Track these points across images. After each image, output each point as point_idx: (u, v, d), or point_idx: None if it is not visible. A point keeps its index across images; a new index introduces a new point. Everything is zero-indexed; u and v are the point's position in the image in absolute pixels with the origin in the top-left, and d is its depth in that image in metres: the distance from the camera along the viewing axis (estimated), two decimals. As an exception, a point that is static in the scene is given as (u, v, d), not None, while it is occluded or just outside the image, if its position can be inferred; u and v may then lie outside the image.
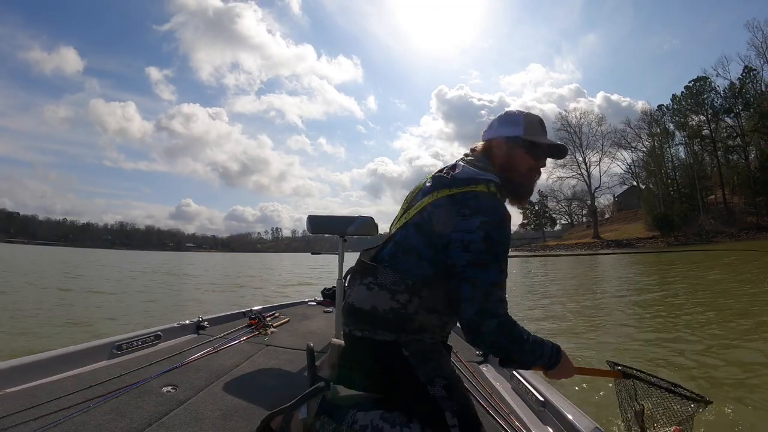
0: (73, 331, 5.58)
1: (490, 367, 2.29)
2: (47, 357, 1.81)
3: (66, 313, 6.99)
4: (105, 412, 1.48)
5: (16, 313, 6.63)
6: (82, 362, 1.91)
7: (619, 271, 16.65)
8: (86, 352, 1.97)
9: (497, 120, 1.34)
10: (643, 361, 3.95)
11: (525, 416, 1.68)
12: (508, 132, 1.29)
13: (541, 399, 1.69)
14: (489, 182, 1.17)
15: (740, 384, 3.35)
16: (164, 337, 2.39)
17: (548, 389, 1.74)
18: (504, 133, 1.30)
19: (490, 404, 1.75)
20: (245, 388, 1.82)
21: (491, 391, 1.90)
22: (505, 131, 1.30)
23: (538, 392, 1.74)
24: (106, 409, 1.51)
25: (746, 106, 43.09)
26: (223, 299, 9.82)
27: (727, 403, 2.83)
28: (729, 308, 6.73)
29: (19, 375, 1.66)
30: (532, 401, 1.75)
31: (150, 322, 5.50)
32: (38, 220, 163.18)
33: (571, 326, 6.07)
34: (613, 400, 1.48)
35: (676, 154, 50.59)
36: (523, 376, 1.93)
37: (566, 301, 8.50)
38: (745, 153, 43.91)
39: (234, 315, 3.09)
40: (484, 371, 2.22)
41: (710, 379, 3.53)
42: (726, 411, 2.72)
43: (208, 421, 1.50)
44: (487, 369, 2.26)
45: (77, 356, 1.92)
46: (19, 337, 5.12)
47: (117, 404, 1.55)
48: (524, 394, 1.84)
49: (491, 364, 2.32)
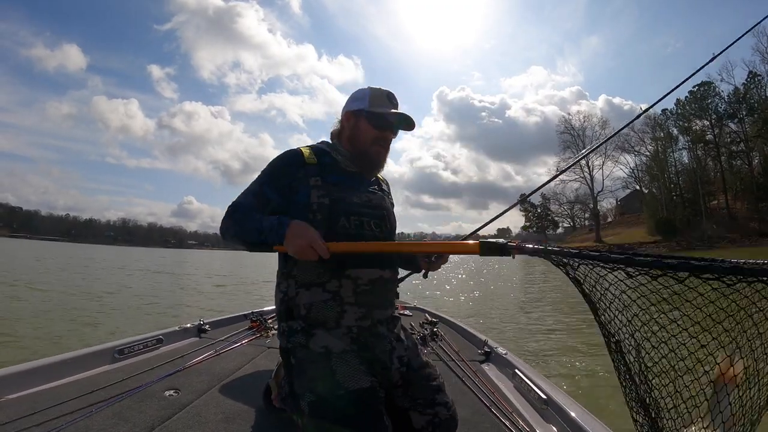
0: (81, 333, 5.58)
1: (492, 366, 2.29)
2: (48, 363, 1.80)
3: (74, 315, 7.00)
4: (107, 417, 1.48)
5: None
6: (84, 367, 1.91)
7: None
8: (87, 357, 1.96)
9: (349, 97, 1.40)
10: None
11: (528, 414, 1.68)
12: (354, 106, 1.36)
13: (544, 397, 1.69)
14: (306, 147, 1.36)
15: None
16: (166, 340, 2.39)
17: (551, 387, 1.75)
18: (351, 107, 1.37)
19: (492, 403, 1.75)
20: (247, 390, 1.81)
21: (493, 390, 1.90)
22: (353, 105, 1.36)
23: (540, 390, 1.74)
24: (109, 414, 1.50)
25: (750, 112, 42.96)
26: (225, 301, 9.83)
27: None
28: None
29: (19, 381, 1.65)
30: (535, 399, 1.75)
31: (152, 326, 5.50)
32: (41, 216, 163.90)
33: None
34: (617, 397, 1.42)
35: (680, 158, 50.57)
36: (525, 374, 1.93)
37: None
38: (748, 158, 43.80)
39: (235, 318, 3.08)
40: (486, 370, 2.22)
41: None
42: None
43: (210, 425, 1.50)
44: (488, 368, 2.26)
45: (78, 361, 1.91)
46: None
47: (119, 409, 1.54)
48: (527, 392, 1.84)
49: (493, 363, 2.32)
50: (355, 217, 1.27)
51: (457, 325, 3.10)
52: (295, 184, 1.26)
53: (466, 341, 2.77)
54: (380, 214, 1.35)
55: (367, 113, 1.33)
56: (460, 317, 4.04)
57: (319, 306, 1.20)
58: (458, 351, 2.42)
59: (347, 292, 1.21)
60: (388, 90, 1.37)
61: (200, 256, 51.71)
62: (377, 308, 1.26)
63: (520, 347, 5.22)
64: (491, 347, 2.43)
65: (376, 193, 1.39)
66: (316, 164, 1.30)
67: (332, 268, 1.19)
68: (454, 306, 9.35)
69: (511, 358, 2.23)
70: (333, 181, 1.29)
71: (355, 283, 1.21)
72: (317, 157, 1.31)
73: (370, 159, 1.34)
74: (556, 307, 8.00)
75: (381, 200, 1.38)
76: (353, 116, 1.35)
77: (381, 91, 1.36)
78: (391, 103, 1.35)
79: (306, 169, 1.28)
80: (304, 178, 1.27)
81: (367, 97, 1.34)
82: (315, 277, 1.21)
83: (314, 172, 1.28)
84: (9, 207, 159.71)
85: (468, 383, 1.95)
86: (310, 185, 1.25)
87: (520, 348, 5.15)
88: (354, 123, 1.35)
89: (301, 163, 1.29)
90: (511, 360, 2.20)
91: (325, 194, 1.24)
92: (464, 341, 2.77)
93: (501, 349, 2.38)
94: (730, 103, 44.98)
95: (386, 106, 1.34)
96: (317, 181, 1.26)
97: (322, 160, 1.32)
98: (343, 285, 1.20)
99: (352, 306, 1.21)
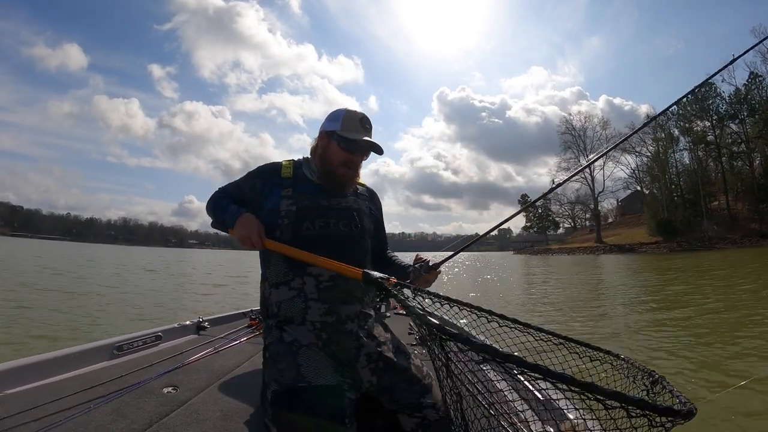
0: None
1: (488, 365, 2.28)
2: (47, 358, 1.81)
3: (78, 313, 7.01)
4: (106, 413, 1.48)
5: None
6: (83, 363, 1.92)
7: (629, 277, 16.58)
8: (87, 353, 1.97)
9: (327, 115, 1.48)
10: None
11: (526, 415, 1.68)
12: (329, 126, 1.43)
13: (543, 398, 1.68)
14: (287, 161, 1.51)
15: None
16: (165, 337, 2.40)
17: (550, 387, 1.74)
18: (326, 128, 1.44)
19: (490, 403, 1.75)
20: (246, 388, 1.81)
21: (492, 390, 1.89)
22: (327, 126, 1.44)
23: (539, 391, 1.73)
24: (107, 410, 1.50)
25: (751, 113, 42.94)
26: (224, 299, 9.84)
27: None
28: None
29: (19, 376, 1.66)
30: (533, 400, 1.74)
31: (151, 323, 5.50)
32: (42, 215, 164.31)
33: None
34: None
35: (681, 159, 50.53)
36: (523, 374, 1.92)
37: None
38: (749, 159, 43.76)
39: (235, 315, 3.08)
40: (484, 369, 2.21)
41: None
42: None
43: (209, 422, 1.50)
44: (487, 368, 2.26)
45: (78, 357, 1.92)
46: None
47: (118, 405, 1.55)
48: (525, 392, 1.84)
49: (491, 363, 2.31)
50: (321, 219, 1.38)
51: (455, 324, 3.10)
52: (265, 191, 1.43)
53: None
54: (348, 215, 1.44)
55: (337, 137, 1.40)
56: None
57: (287, 304, 1.30)
58: (456, 352, 2.41)
59: (310, 288, 1.30)
60: (363, 114, 1.43)
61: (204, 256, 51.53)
62: (343, 304, 1.31)
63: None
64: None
65: (347, 197, 1.48)
66: (291, 177, 1.44)
67: (295, 266, 1.30)
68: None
69: None
70: (303, 191, 1.42)
71: (317, 280, 1.30)
72: (294, 170, 1.46)
73: (337, 179, 1.43)
74: (557, 307, 8.00)
75: (352, 203, 1.48)
76: (326, 137, 1.43)
77: (355, 115, 1.42)
78: (363, 128, 1.42)
79: (279, 180, 1.44)
80: (276, 187, 1.43)
81: (340, 119, 1.41)
82: (282, 277, 1.33)
83: (287, 184, 1.43)
84: (10, 206, 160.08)
85: (465, 383, 1.96)
86: (280, 195, 1.40)
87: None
88: (326, 143, 1.43)
89: (276, 175, 1.46)
90: None
91: (293, 203, 1.38)
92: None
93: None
94: (731, 104, 45.00)
95: (357, 131, 1.41)
96: (288, 191, 1.41)
97: (298, 173, 1.46)
98: (306, 282, 1.30)
99: (315, 302, 1.29)
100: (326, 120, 1.46)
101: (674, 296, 9.48)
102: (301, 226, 1.35)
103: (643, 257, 29.45)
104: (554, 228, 69.28)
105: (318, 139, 1.48)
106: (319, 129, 1.49)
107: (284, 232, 1.34)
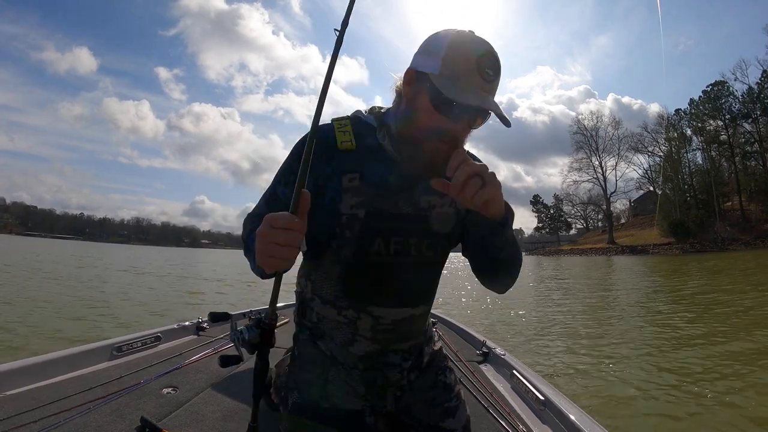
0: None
1: (489, 367, 2.28)
2: (47, 359, 1.82)
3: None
4: (105, 413, 1.50)
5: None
6: (82, 364, 1.93)
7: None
8: (86, 354, 1.98)
9: (425, 39, 0.84)
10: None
11: (525, 415, 1.68)
12: (421, 63, 0.81)
13: (542, 398, 1.68)
14: (340, 120, 0.93)
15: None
16: (164, 338, 2.41)
17: (549, 388, 1.74)
18: (417, 64, 0.82)
19: (490, 403, 1.75)
20: (245, 389, 1.82)
21: (491, 390, 1.89)
22: (420, 61, 0.82)
23: (538, 391, 1.73)
24: (107, 410, 1.52)
25: (765, 111, 42.09)
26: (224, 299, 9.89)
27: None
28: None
29: (19, 377, 1.68)
30: (532, 400, 1.74)
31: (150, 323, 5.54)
32: (56, 214, 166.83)
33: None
34: (615, 395, 1.37)
35: (693, 159, 49.78)
36: (523, 375, 1.94)
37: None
38: (762, 159, 42.86)
39: (234, 316, 3.10)
40: (483, 370, 2.21)
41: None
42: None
43: (208, 422, 1.51)
44: (486, 368, 2.26)
45: (77, 358, 1.93)
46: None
47: (117, 406, 1.56)
48: (524, 393, 1.84)
49: (491, 364, 2.32)
50: (399, 238, 0.90)
51: (455, 325, 3.09)
52: (321, 182, 0.87)
53: (464, 341, 2.77)
54: (436, 233, 0.94)
55: (431, 88, 0.78)
56: (459, 317, 4.03)
57: (332, 324, 0.97)
58: (456, 351, 2.41)
59: (364, 327, 0.95)
60: (485, 48, 0.77)
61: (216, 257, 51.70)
62: (396, 343, 1.00)
63: (519, 347, 5.19)
64: (490, 348, 2.42)
65: (440, 199, 0.94)
66: (354, 151, 0.88)
67: (353, 294, 0.93)
68: (454, 306, 9.30)
69: (510, 359, 2.22)
70: (375, 178, 0.87)
71: (375, 321, 0.94)
72: (356, 139, 0.89)
73: (420, 154, 0.83)
74: (557, 307, 7.92)
75: (447, 203, 0.95)
76: (415, 80, 0.82)
77: (470, 50, 0.76)
78: (482, 77, 0.76)
79: (338, 158, 0.88)
80: (335, 173, 0.87)
81: (442, 52, 0.77)
82: (330, 296, 0.95)
83: (350, 163, 0.88)
84: (23, 206, 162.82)
85: (466, 384, 1.95)
86: (342, 186, 0.87)
87: (517, 348, 5.12)
88: (414, 92, 0.82)
89: (330, 150, 0.88)
90: (509, 361, 2.19)
91: (361, 202, 0.87)
92: (462, 341, 2.76)
93: (499, 349, 2.37)
94: (744, 103, 44.16)
95: (471, 81, 0.76)
96: (353, 179, 0.87)
97: (363, 143, 0.89)
98: (361, 318, 0.94)
99: (366, 340, 0.96)
100: (421, 48, 0.83)
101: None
102: (370, 246, 0.89)
103: (658, 259, 28.85)
104: (566, 229, 68.60)
105: (404, 81, 0.85)
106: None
107: (346, 249, 0.89)
